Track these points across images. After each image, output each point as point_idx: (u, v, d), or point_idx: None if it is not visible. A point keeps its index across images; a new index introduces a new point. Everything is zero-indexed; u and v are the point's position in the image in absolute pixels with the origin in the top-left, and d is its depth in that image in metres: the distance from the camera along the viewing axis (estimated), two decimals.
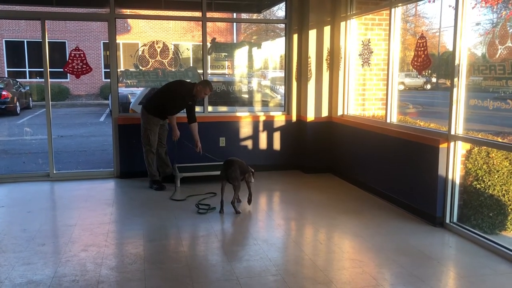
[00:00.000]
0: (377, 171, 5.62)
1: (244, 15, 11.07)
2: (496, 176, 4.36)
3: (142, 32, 17.59)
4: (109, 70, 6.43)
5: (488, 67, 4.02)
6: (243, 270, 3.55)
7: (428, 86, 22.38)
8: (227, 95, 7.48)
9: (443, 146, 4.43)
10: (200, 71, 6.73)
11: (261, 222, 4.90)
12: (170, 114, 5.91)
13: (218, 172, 6.24)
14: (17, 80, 17.79)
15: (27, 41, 20.37)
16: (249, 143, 6.83)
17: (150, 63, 6.59)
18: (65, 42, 19.75)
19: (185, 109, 5.96)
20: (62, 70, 6.61)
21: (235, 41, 18.24)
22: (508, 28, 3.83)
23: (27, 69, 20.86)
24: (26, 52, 20.62)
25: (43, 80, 6.38)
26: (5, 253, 3.86)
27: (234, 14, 11.98)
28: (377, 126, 5.62)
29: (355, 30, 6.37)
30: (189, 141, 6.09)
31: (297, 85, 6.98)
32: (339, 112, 6.63)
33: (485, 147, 4.40)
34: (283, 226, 4.73)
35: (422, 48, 4.81)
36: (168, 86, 6.04)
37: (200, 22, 6.62)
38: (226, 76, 8.96)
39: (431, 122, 5.57)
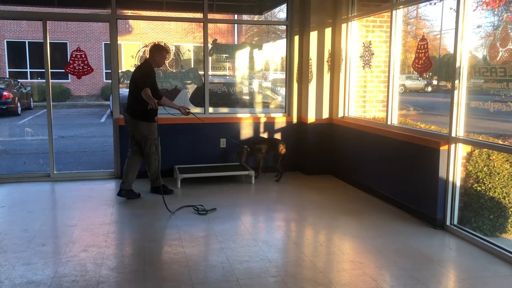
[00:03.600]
0: (377, 173, 5.62)
1: (245, 17, 11.07)
2: (497, 179, 4.36)
3: (143, 33, 17.60)
4: (110, 71, 6.44)
5: (489, 69, 4.02)
6: (243, 271, 3.55)
7: (429, 89, 22.37)
8: (228, 96, 7.50)
9: (443, 148, 4.43)
10: (201, 72, 6.74)
11: (261, 223, 4.90)
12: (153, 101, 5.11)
13: (219, 174, 6.31)
14: (18, 80, 17.79)
15: (28, 42, 20.39)
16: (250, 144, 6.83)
17: (168, 54, 6.55)
18: (66, 42, 19.75)
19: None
20: (63, 70, 6.62)
21: (236, 43, 18.26)
22: (509, 31, 3.83)
23: (28, 70, 20.88)
24: (27, 53, 20.64)
25: (44, 80, 6.39)
26: (6, 253, 3.86)
27: (236, 16, 11.99)
28: (377, 128, 5.62)
29: (356, 32, 6.37)
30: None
31: (298, 87, 6.98)
32: (340, 114, 6.63)
33: (486, 150, 4.40)
34: (283, 227, 4.73)
35: (423, 50, 4.81)
36: (133, 81, 5.34)
37: (202, 24, 6.63)
38: (227, 77, 8.97)
39: (432, 124, 5.57)
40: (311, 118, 6.74)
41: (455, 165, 4.41)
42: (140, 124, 5.34)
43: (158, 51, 5.34)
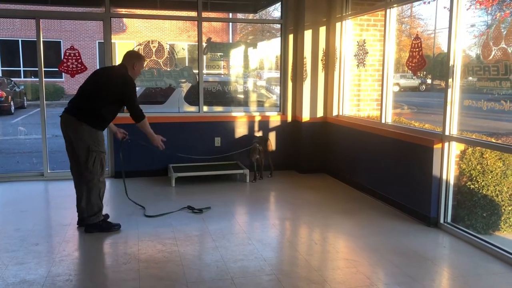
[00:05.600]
0: (371, 171, 5.63)
1: (240, 15, 11.05)
2: (490, 177, 4.38)
3: (137, 32, 17.54)
4: None
5: (482, 68, 4.04)
6: (238, 270, 3.55)
7: (423, 87, 22.46)
8: (222, 95, 7.48)
9: (437, 146, 4.45)
10: (196, 71, 6.73)
11: (256, 222, 4.90)
12: (110, 121, 4.47)
13: (214, 172, 6.31)
14: (12, 79, 17.69)
15: (21, 40, 20.28)
16: (244, 143, 6.82)
17: (145, 63, 6.57)
18: (60, 41, 19.67)
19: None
20: (57, 69, 6.58)
21: (231, 41, 18.23)
22: (502, 30, 3.85)
23: (21, 68, 20.77)
24: (20, 51, 20.53)
25: (37, 79, 6.35)
26: None
27: (230, 14, 11.97)
28: (372, 126, 5.64)
29: (350, 30, 6.38)
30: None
31: (292, 86, 6.99)
32: (334, 113, 6.64)
33: (479, 148, 4.43)
34: (278, 226, 4.73)
35: (417, 49, 4.82)
36: (108, 86, 4.34)
37: (196, 22, 6.62)
38: (222, 76, 8.96)
39: (425, 123, 5.59)
40: (305, 116, 6.75)
41: (448, 163, 4.43)
42: (83, 128, 4.19)
43: (138, 59, 4.46)
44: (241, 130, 6.87)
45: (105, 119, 4.35)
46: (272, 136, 6.98)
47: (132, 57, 4.47)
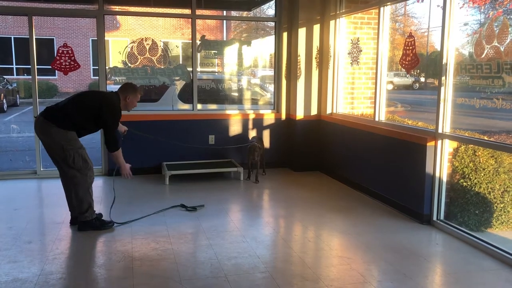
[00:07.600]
0: (365, 169, 5.65)
1: (234, 13, 11.04)
2: (482, 174, 4.41)
3: (131, 29, 17.44)
4: (97, 67, 6.38)
5: (475, 66, 4.06)
6: (232, 267, 3.56)
7: (416, 86, 22.51)
8: (216, 93, 7.48)
9: (430, 144, 4.47)
10: (190, 68, 6.71)
11: (250, 219, 4.90)
12: (79, 133, 4.32)
13: (208, 170, 6.30)
14: (4, 77, 17.55)
15: (14, 38, 20.11)
16: (238, 141, 6.82)
17: (139, 60, 6.55)
18: (53, 38, 19.52)
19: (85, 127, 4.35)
20: (50, 67, 6.54)
21: (225, 39, 18.19)
22: (495, 28, 3.88)
23: (14, 66, 20.60)
24: (13, 49, 20.35)
25: (30, 77, 6.31)
26: None
27: (224, 12, 11.95)
28: (365, 124, 5.66)
29: (344, 28, 6.39)
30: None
31: (286, 84, 6.99)
32: (328, 111, 6.66)
33: (471, 146, 4.45)
34: (272, 223, 4.74)
35: (411, 47, 4.84)
36: (96, 106, 4.28)
37: (190, 20, 6.61)
38: (216, 74, 8.95)
39: (419, 121, 5.62)
40: (299, 114, 6.75)
41: (441, 161, 4.45)
42: (53, 130, 4.15)
43: (133, 92, 4.44)
44: (235, 128, 6.86)
45: (78, 131, 4.28)
46: (266, 134, 6.98)
47: (127, 89, 4.47)
